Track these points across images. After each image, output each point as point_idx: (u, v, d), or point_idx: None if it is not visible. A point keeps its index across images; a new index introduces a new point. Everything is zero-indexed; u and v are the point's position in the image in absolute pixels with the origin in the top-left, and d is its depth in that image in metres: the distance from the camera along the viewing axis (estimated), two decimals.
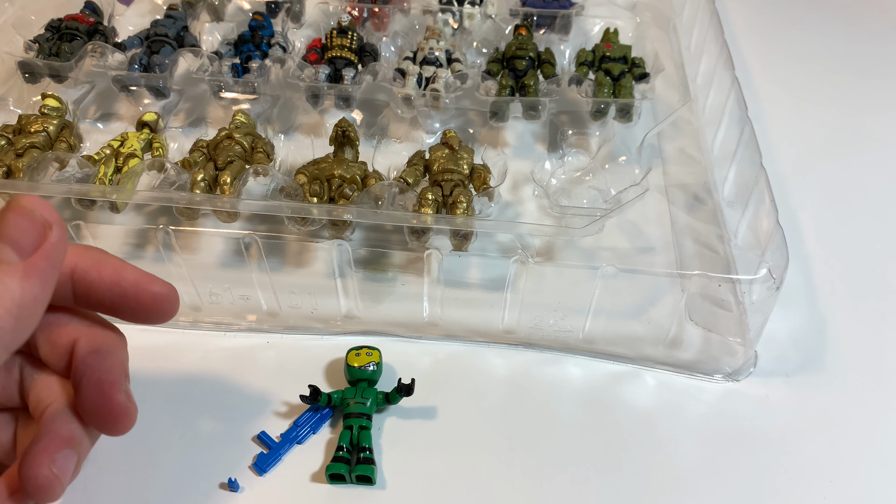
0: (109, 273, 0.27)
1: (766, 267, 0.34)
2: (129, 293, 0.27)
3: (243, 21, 0.50)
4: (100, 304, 0.27)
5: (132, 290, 0.27)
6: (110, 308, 0.27)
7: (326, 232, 0.38)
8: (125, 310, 0.27)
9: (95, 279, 0.26)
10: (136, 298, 0.27)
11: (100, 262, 0.27)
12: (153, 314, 0.28)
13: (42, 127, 0.41)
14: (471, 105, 0.50)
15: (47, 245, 0.24)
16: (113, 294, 0.27)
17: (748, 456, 0.33)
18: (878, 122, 0.53)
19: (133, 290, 0.27)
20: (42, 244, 0.24)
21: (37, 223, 0.24)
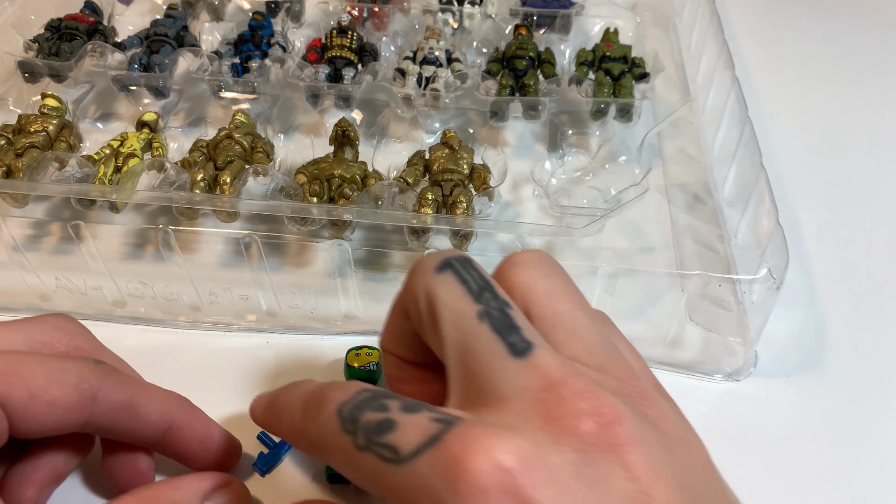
0: (200, 430, 0.29)
1: (766, 267, 0.34)
2: (211, 450, 0.29)
3: (243, 21, 0.50)
4: (179, 455, 0.29)
5: (214, 447, 0.29)
6: (187, 459, 0.29)
7: (326, 232, 0.38)
8: (205, 462, 0.29)
9: (188, 436, 0.28)
10: (217, 454, 0.29)
11: (193, 418, 0.28)
12: (221, 467, 0.30)
13: (42, 127, 0.41)
14: (471, 105, 0.50)
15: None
16: (199, 450, 0.29)
17: (748, 456, 0.33)
18: (879, 122, 0.53)
19: (215, 447, 0.29)
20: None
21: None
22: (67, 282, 0.38)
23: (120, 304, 0.38)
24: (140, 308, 0.38)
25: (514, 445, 0.18)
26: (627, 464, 0.19)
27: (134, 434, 0.27)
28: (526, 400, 0.20)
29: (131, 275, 0.37)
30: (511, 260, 0.24)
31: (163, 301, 0.38)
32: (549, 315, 0.23)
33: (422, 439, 0.19)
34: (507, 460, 0.18)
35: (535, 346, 0.21)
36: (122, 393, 0.26)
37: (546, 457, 0.19)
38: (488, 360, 0.21)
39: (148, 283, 0.37)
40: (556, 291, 0.24)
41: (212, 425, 0.29)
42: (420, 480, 0.19)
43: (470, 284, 0.22)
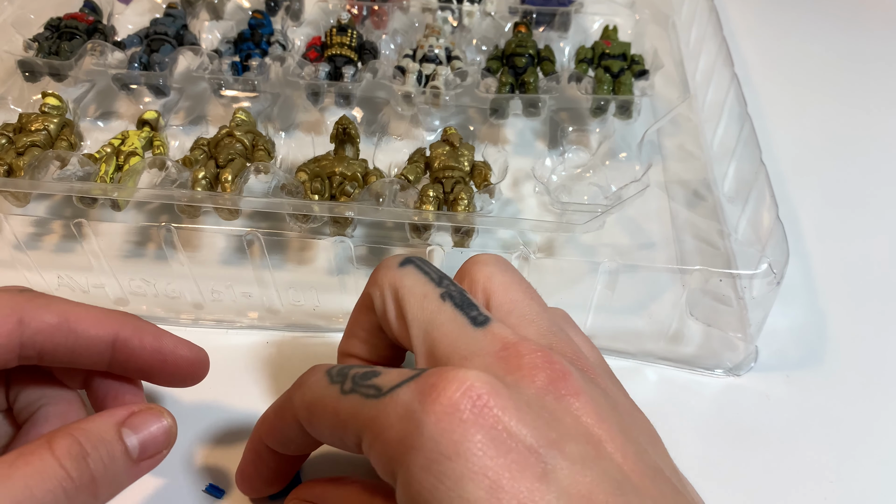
0: (150, 341, 0.28)
1: (766, 262, 0.34)
2: (168, 360, 0.28)
3: (243, 19, 0.50)
4: (136, 370, 0.29)
5: (171, 358, 0.28)
6: (146, 374, 0.29)
7: (328, 229, 0.38)
8: (162, 376, 0.29)
9: (137, 347, 0.28)
10: (174, 365, 0.28)
11: (140, 330, 0.28)
12: (186, 379, 0.29)
13: (42, 125, 0.41)
14: (471, 102, 0.50)
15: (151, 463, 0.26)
16: (153, 361, 0.28)
17: (749, 452, 0.33)
18: (878, 118, 0.53)
19: (172, 358, 0.28)
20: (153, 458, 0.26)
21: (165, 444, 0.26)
22: (69, 280, 0.38)
23: (122, 301, 0.38)
24: (142, 306, 0.38)
25: (484, 376, 0.21)
26: (576, 409, 0.22)
27: (79, 354, 0.27)
28: (487, 357, 0.23)
29: (133, 273, 0.37)
30: (472, 259, 0.28)
31: (165, 299, 0.38)
32: (505, 303, 0.26)
33: (402, 378, 0.22)
34: (478, 386, 0.21)
35: (492, 319, 0.24)
36: (50, 312, 0.26)
37: (510, 392, 0.21)
38: (452, 330, 0.24)
39: (150, 280, 0.37)
40: (512, 283, 0.27)
41: (164, 335, 0.28)
42: (398, 407, 0.21)
43: (431, 275, 0.26)
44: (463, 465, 0.19)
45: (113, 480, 0.24)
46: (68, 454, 0.23)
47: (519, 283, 0.27)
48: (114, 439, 0.25)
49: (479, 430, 0.20)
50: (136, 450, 0.25)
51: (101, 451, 0.24)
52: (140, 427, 0.26)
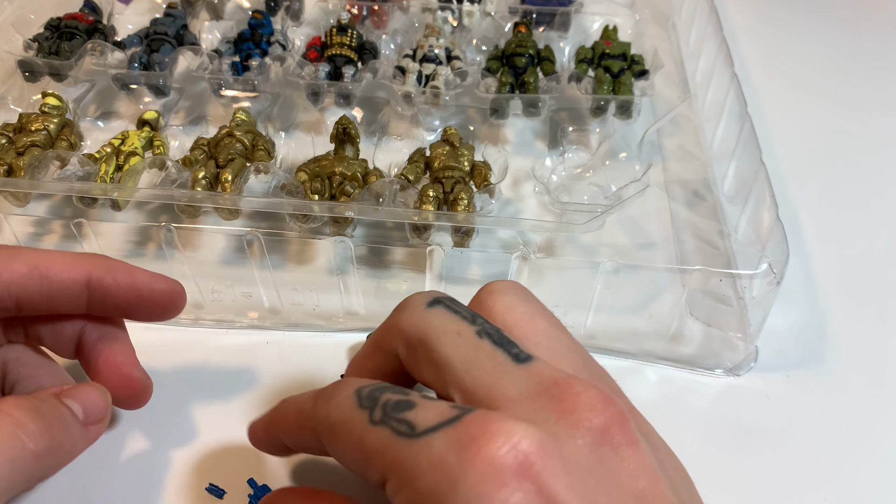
0: (123, 277, 0.28)
1: (766, 262, 0.34)
2: (144, 294, 0.28)
3: (243, 19, 0.50)
4: (115, 308, 0.28)
5: (147, 292, 0.28)
6: (125, 311, 0.29)
7: (328, 229, 0.38)
8: (141, 310, 0.29)
9: (112, 285, 0.28)
10: (151, 298, 0.29)
11: (112, 269, 0.28)
12: (166, 311, 0.29)
13: (42, 125, 0.41)
14: (471, 102, 0.50)
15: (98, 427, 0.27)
16: (129, 297, 0.28)
17: (749, 452, 0.33)
18: (878, 117, 0.53)
19: (148, 291, 0.28)
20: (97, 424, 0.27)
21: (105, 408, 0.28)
22: None
23: None
24: None
25: (532, 431, 0.19)
26: (631, 465, 0.20)
27: (55, 300, 0.27)
28: (537, 398, 0.20)
29: None
30: (488, 288, 0.26)
31: None
32: (531, 334, 0.24)
33: (440, 419, 0.20)
34: (525, 444, 0.18)
35: (534, 356, 0.22)
36: (20, 262, 0.26)
37: (561, 447, 0.19)
38: (493, 368, 0.21)
39: None
40: (535, 314, 0.25)
41: (137, 271, 0.29)
42: (433, 455, 0.19)
43: (462, 313, 0.24)
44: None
45: (67, 439, 0.26)
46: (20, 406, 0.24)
47: (542, 313, 0.25)
48: (58, 403, 0.26)
49: (521, 497, 0.18)
50: (80, 412, 0.26)
51: (52, 410, 0.25)
52: (77, 395, 0.27)
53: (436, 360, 0.23)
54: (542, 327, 0.24)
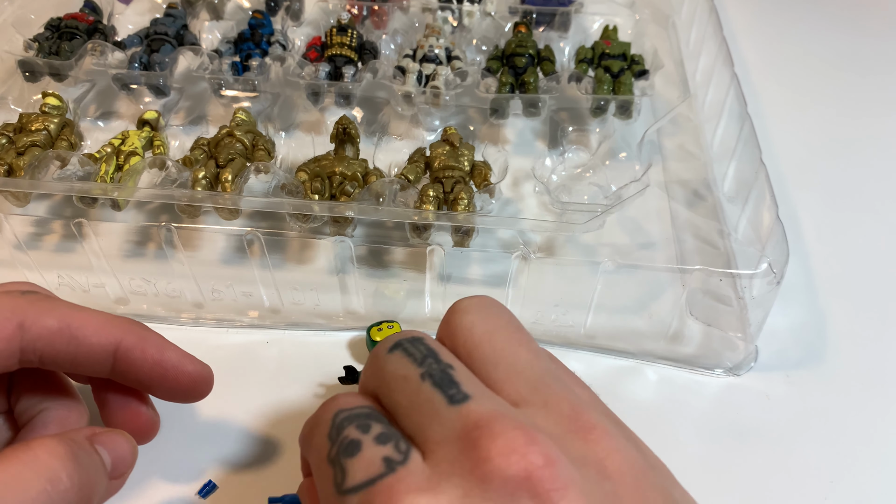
0: (153, 353, 0.27)
1: (766, 262, 0.34)
2: (169, 374, 0.28)
3: (243, 19, 0.50)
4: (137, 382, 0.28)
5: (173, 372, 0.28)
6: (147, 386, 0.28)
7: (328, 229, 0.38)
8: (163, 390, 0.28)
9: (139, 358, 0.27)
10: (175, 380, 0.28)
11: (144, 341, 0.27)
12: (189, 395, 0.29)
13: (43, 125, 0.41)
14: (471, 102, 0.50)
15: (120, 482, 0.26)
16: (154, 374, 0.27)
17: (749, 452, 0.33)
18: (879, 117, 0.53)
19: (174, 372, 0.28)
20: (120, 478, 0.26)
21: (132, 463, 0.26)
22: (70, 279, 0.38)
23: (122, 301, 0.38)
24: (142, 305, 0.38)
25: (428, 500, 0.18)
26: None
27: (80, 361, 0.27)
28: (457, 442, 0.19)
29: (133, 272, 0.37)
30: (453, 308, 0.25)
31: (165, 298, 0.38)
32: (489, 354, 0.23)
33: (364, 478, 0.19)
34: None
35: (472, 395, 0.21)
36: (53, 317, 0.26)
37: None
38: (429, 410, 0.21)
39: (150, 280, 0.37)
40: (496, 331, 0.23)
41: (168, 348, 0.28)
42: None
43: (415, 356, 0.23)
44: None
45: (97, 490, 0.24)
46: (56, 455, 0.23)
47: (504, 328, 0.24)
48: (91, 450, 0.24)
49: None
50: (109, 464, 0.25)
51: (85, 461, 0.24)
52: (108, 444, 0.26)
53: (387, 408, 0.22)
54: (500, 346, 0.23)
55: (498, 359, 0.23)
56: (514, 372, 0.22)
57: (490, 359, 0.23)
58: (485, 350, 0.23)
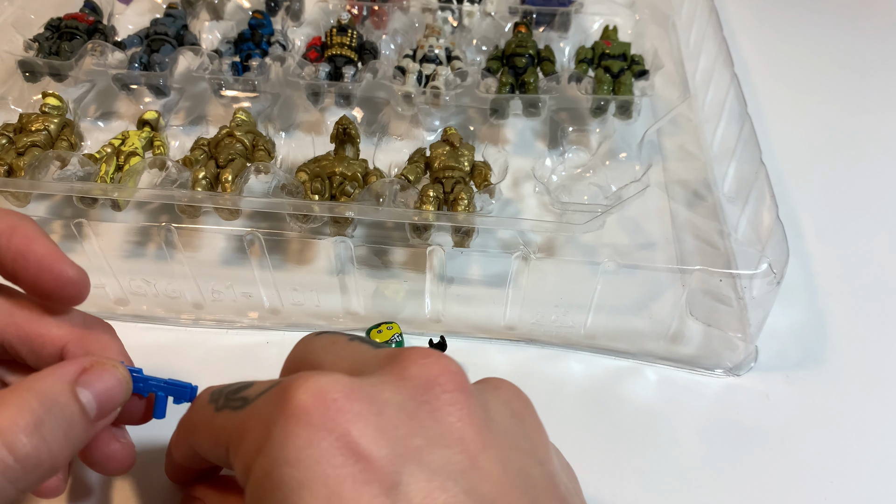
0: (18, 242, 0.25)
1: (766, 262, 0.34)
2: (31, 268, 0.25)
3: (243, 19, 0.50)
4: (3, 273, 0.26)
5: (35, 267, 0.25)
6: (12, 278, 0.26)
7: (328, 229, 0.38)
8: (26, 284, 0.26)
9: (3, 246, 0.25)
10: (37, 276, 0.25)
11: (13, 229, 0.25)
12: (55, 295, 0.26)
13: (43, 126, 0.41)
14: (471, 102, 0.50)
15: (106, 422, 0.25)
16: (16, 265, 0.25)
17: (749, 452, 0.33)
18: (878, 118, 0.53)
19: (36, 267, 0.25)
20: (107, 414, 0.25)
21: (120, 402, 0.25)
22: None
23: (122, 301, 0.38)
24: (142, 306, 0.38)
25: (342, 381, 0.20)
26: (455, 413, 0.21)
27: None
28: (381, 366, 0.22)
29: (133, 273, 0.37)
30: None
31: (165, 299, 0.38)
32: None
33: (266, 386, 0.22)
34: (332, 390, 0.20)
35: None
36: None
37: (378, 394, 0.20)
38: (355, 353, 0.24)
39: (150, 280, 0.37)
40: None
41: (38, 240, 0.25)
42: (259, 414, 0.21)
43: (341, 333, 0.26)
44: (303, 472, 0.18)
45: (69, 444, 0.23)
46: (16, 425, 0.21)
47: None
48: (69, 401, 0.23)
49: (326, 437, 0.19)
50: (92, 409, 0.23)
51: (57, 416, 0.22)
52: (95, 383, 0.24)
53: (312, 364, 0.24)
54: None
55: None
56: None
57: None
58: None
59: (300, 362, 0.25)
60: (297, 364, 0.26)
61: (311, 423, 0.19)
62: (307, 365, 0.25)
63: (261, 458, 0.20)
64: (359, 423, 0.19)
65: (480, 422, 0.21)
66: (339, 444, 0.19)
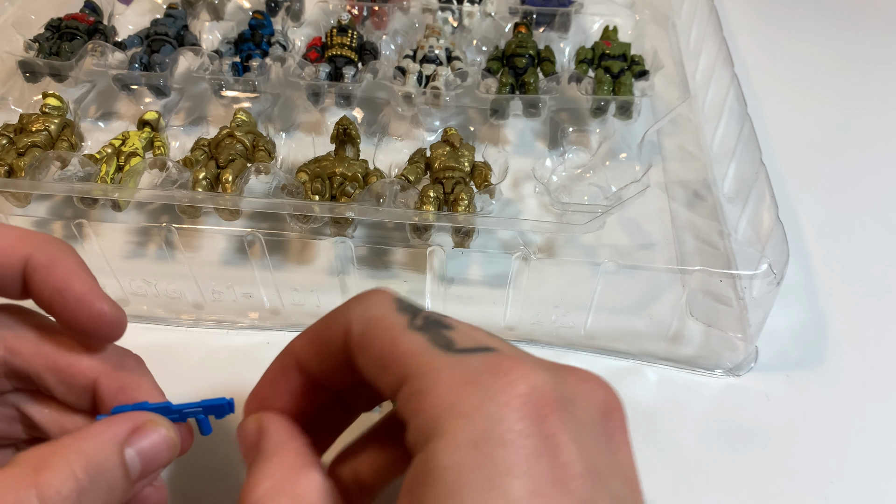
0: (57, 279, 0.24)
1: (766, 262, 0.34)
2: (69, 306, 0.24)
3: (243, 20, 0.50)
4: (41, 305, 0.25)
5: (73, 305, 0.24)
6: (49, 311, 0.25)
7: (328, 229, 0.38)
8: (62, 321, 0.25)
9: (41, 281, 0.24)
10: (75, 314, 0.24)
11: (53, 263, 0.24)
12: (91, 334, 0.25)
13: (43, 126, 0.41)
14: (471, 103, 0.50)
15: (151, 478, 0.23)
16: (54, 301, 0.24)
17: (749, 453, 0.33)
18: (879, 118, 0.53)
19: (74, 305, 0.24)
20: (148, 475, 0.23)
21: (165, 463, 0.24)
22: None
23: (123, 302, 0.38)
24: (143, 306, 0.38)
25: (552, 383, 0.20)
26: (624, 446, 0.21)
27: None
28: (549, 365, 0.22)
29: (134, 273, 0.37)
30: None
31: (165, 299, 0.38)
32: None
33: (475, 345, 0.21)
34: (547, 392, 0.20)
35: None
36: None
37: (575, 408, 0.20)
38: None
39: (151, 281, 0.37)
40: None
41: (78, 276, 0.24)
42: (468, 371, 0.20)
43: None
44: (515, 457, 0.18)
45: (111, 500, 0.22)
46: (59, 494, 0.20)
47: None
48: (115, 465, 0.22)
49: (539, 433, 0.19)
50: (136, 471, 0.22)
51: (100, 484, 0.21)
52: (143, 444, 0.23)
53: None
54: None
55: None
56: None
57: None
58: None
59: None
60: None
61: (528, 416, 0.19)
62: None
63: (467, 423, 0.19)
64: (565, 432, 0.19)
65: (635, 466, 0.21)
66: (550, 445, 0.19)
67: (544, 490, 0.18)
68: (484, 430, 0.19)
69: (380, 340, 0.22)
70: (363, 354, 0.22)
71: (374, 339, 0.22)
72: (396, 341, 0.21)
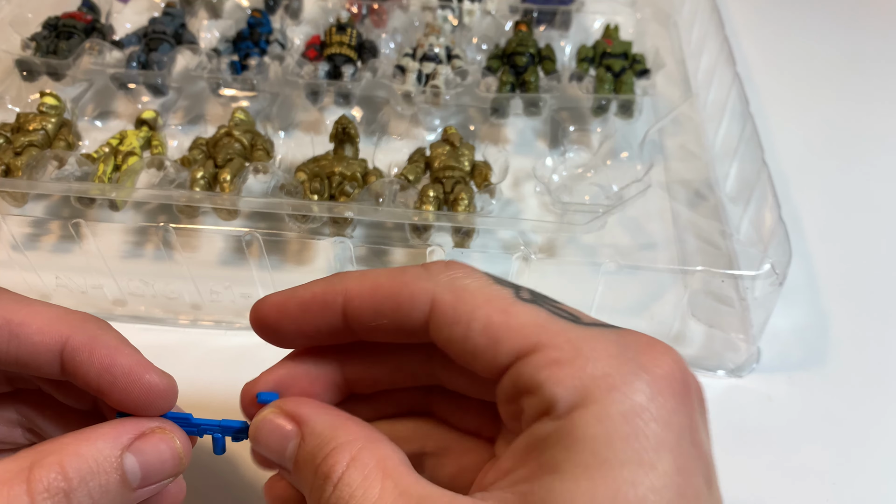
0: (102, 357, 0.23)
1: (768, 263, 0.34)
2: (118, 384, 0.23)
3: (241, 18, 0.50)
4: (86, 386, 0.24)
5: (123, 381, 0.23)
6: (97, 392, 0.24)
7: (327, 229, 0.38)
8: (114, 399, 0.24)
9: (85, 361, 0.23)
10: (125, 390, 0.24)
11: (94, 341, 0.24)
12: (143, 408, 0.24)
13: (40, 125, 0.41)
14: (471, 102, 0.50)
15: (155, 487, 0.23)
16: (101, 380, 0.23)
17: (751, 454, 0.33)
18: (882, 117, 0.53)
19: (124, 382, 0.23)
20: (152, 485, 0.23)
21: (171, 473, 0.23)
22: (68, 280, 0.37)
23: (120, 302, 0.38)
24: (140, 307, 0.38)
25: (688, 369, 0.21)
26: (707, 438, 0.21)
27: (24, 361, 0.23)
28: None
29: (132, 273, 0.37)
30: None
31: (163, 299, 0.38)
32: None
33: (597, 321, 0.21)
34: (690, 378, 0.20)
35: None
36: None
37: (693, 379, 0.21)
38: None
39: (148, 281, 0.37)
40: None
41: (122, 352, 0.24)
42: (609, 345, 0.20)
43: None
44: (667, 433, 0.19)
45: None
46: (47, 491, 0.20)
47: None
48: (111, 469, 0.21)
49: (686, 414, 0.19)
50: (136, 477, 0.22)
51: (91, 485, 0.21)
52: (147, 452, 0.22)
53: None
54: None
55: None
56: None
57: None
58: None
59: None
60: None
61: (677, 395, 0.19)
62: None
63: (616, 395, 0.19)
64: (697, 415, 0.20)
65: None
66: (691, 423, 0.20)
67: (688, 466, 0.19)
68: (636, 403, 0.19)
69: (486, 311, 0.21)
70: (458, 324, 0.21)
71: (476, 309, 0.21)
72: (510, 312, 0.21)
